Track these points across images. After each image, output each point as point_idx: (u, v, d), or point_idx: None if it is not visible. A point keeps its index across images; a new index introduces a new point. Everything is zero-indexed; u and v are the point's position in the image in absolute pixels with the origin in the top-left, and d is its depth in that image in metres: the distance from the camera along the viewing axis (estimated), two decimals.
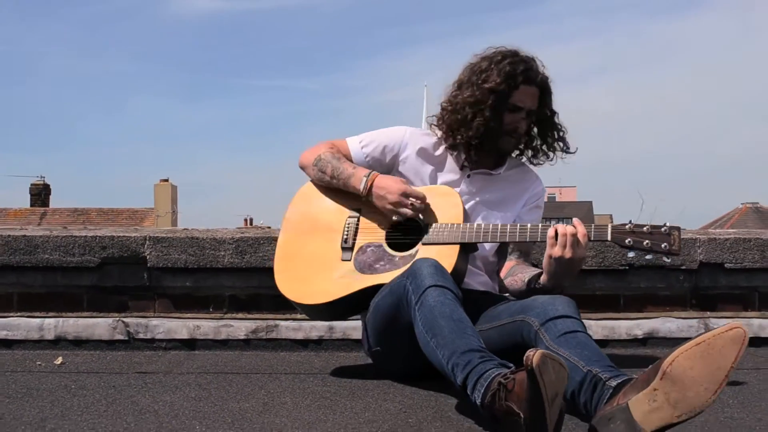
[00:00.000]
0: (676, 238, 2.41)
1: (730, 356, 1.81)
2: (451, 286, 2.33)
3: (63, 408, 2.26)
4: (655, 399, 1.80)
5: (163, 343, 3.29)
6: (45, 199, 32.90)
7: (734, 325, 1.83)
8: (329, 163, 2.80)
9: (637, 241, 2.42)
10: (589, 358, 2.09)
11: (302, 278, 2.74)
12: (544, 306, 2.31)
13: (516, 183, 2.91)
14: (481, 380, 1.97)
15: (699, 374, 1.79)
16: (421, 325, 2.26)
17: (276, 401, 2.36)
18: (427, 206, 2.68)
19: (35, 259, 3.30)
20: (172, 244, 3.31)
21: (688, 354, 1.81)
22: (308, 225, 2.84)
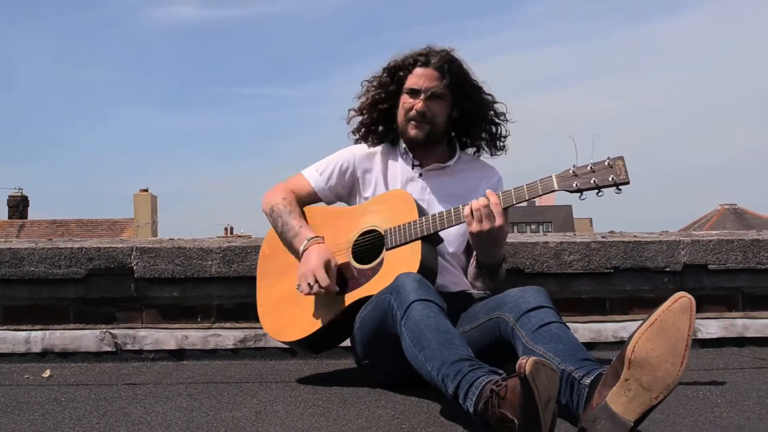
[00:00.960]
0: (621, 167, 2.36)
1: (684, 326, 1.85)
2: (434, 298, 2.34)
3: (55, 421, 2.25)
4: (630, 388, 1.84)
5: (152, 354, 3.28)
6: (23, 211, 32.61)
7: (679, 296, 1.89)
8: (280, 217, 2.86)
9: (584, 182, 2.38)
10: (563, 352, 2.12)
11: (286, 318, 2.78)
12: (516, 300, 2.35)
13: (470, 174, 2.94)
14: (473, 388, 1.98)
15: (661, 352, 1.83)
16: (409, 340, 2.27)
17: (268, 410, 2.36)
18: (385, 214, 2.71)
19: (20, 272, 3.28)
20: (159, 254, 3.30)
21: (645, 336, 1.86)
22: (281, 266, 2.87)
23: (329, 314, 2.66)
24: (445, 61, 2.85)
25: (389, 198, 2.79)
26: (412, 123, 2.84)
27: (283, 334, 2.78)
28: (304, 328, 2.70)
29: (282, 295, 2.82)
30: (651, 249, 3.37)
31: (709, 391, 2.52)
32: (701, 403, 2.35)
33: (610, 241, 3.37)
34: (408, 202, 2.69)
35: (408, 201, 2.69)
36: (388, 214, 2.70)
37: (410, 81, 2.86)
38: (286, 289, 2.81)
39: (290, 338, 2.75)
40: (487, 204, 2.49)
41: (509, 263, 3.29)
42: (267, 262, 2.95)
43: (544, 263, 3.34)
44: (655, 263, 3.37)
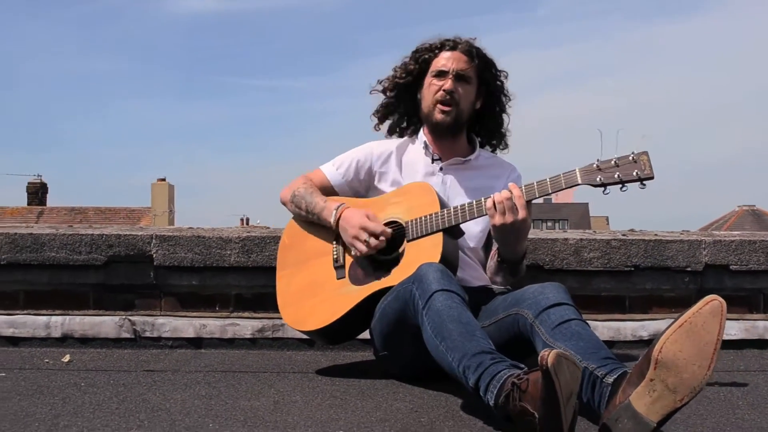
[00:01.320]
0: (645, 162, 2.33)
1: (714, 329, 1.83)
2: (457, 289, 2.33)
3: (75, 405, 2.26)
4: (654, 389, 1.82)
5: (170, 342, 3.29)
6: (42, 198, 32.82)
7: (710, 299, 1.86)
8: (303, 198, 2.85)
9: (608, 176, 2.35)
10: (585, 350, 2.10)
11: (305, 308, 2.78)
12: (535, 296, 2.33)
13: (490, 169, 2.95)
14: (494, 381, 1.98)
15: (689, 354, 1.82)
16: (430, 330, 2.26)
17: (286, 399, 2.36)
18: (406, 206, 2.71)
19: (42, 257, 3.30)
20: (179, 242, 3.31)
21: (674, 337, 1.83)
22: (300, 256, 2.88)
23: (349, 304, 2.65)
24: (473, 47, 2.87)
25: (411, 189, 2.78)
26: (439, 106, 2.83)
27: (302, 324, 2.78)
28: (324, 318, 2.69)
29: (302, 285, 2.82)
30: (672, 248, 3.34)
31: (731, 392, 2.50)
32: (723, 405, 2.33)
33: (630, 239, 3.35)
34: (430, 194, 2.68)
35: (430, 193, 2.69)
36: (410, 205, 2.70)
37: (437, 63, 2.86)
38: (305, 279, 2.81)
39: (309, 327, 2.75)
40: (510, 197, 2.47)
41: (529, 259, 3.28)
42: (287, 252, 2.95)
43: (563, 260, 3.32)
44: (676, 262, 3.34)
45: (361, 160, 2.93)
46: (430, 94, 2.86)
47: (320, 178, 2.94)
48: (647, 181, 2.34)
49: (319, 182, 2.93)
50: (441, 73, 2.84)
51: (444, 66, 2.84)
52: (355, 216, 2.69)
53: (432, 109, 2.85)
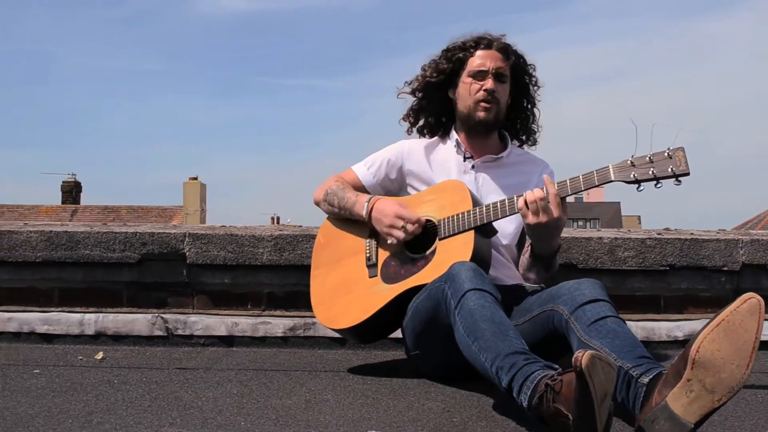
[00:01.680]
0: (681, 158, 2.25)
1: (752, 328, 1.80)
2: (489, 288, 2.31)
3: (108, 402, 2.27)
4: (692, 389, 1.79)
5: (202, 340, 3.30)
6: (76, 197, 33.21)
7: (748, 297, 1.82)
8: (335, 195, 2.87)
9: (642, 173, 2.28)
10: (621, 348, 2.07)
11: (338, 306, 2.78)
12: (571, 292, 2.30)
13: (523, 166, 2.93)
14: (527, 382, 1.95)
15: (727, 353, 1.79)
16: (462, 330, 2.24)
17: (318, 398, 2.36)
18: (439, 204, 2.70)
19: (76, 255, 3.32)
20: (212, 240, 3.32)
21: (711, 336, 1.80)
22: (334, 255, 2.88)
23: (380, 302, 2.64)
24: (507, 44, 2.87)
25: (444, 188, 2.76)
26: (482, 105, 2.81)
27: (334, 322, 2.78)
28: (356, 316, 2.68)
29: (335, 283, 2.82)
30: (708, 247, 3.29)
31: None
32: (761, 407, 2.29)
33: (665, 239, 3.30)
34: (462, 191, 2.66)
35: (462, 191, 2.67)
36: (443, 203, 2.68)
37: (474, 63, 2.84)
38: (339, 278, 2.81)
39: (341, 326, 2.74)
40: (543, 196, 2.45)
41: (562, 258, 3.25)
42: (321, 251, 2.95)
43: (597, 259, 3.28)
44: (712, 262, 3.29)
45: (392, 159, 2.93)
46: (470, 93, 2.83)
47: (352, 178, 2.94)
48: (683, 178, 2.26)
49: (351, 182, 2.93)
50: (480, 72, 2.82)
51: (482, 65, 2.82)
52: (389, 205, 2.71)
53: (473, 109, 2.83)
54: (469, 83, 2.84)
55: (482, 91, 2.81)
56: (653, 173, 2.27)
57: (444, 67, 2.88)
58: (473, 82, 2.83)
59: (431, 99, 2.95)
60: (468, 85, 2.84)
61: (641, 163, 2.30)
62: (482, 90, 2.81)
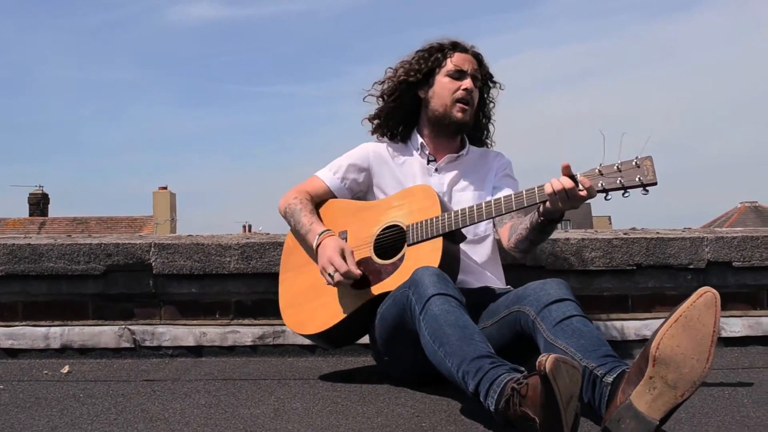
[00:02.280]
0: (649, 167, 2.23)
1: (709, 322, 1.82)
2: (453, 292, 2.30)
3: (73, 417, 2.24)
4: (654, 386, 1.81)
5: (170, 351, 3.27)
6: (44, 209, 32.85)
7: (703, 291, 1.85)
8: (292, 216, 2.86)
9: (610, 182, 2.26)
10: (585, 348, 2.08)
11: (306, 311, 2.77)
12: (536, 292, 2.31)
13: (479, 162, 2.96)
14: (494, 386, 1.96)
15: (687, 348, 1.80)
16: (427, 335, 2.23)
17: (287, 407, 2.34)
18: (408, 209, 2.68)
19: (40, 268, 3.28)
20: (178, 250, 3.29)
21: (670, 333, 1.82)
22: (303, 258, 2.86)
23: (349, 308, 2.63)
24: (479, 53, 2.93)
25: (413, 193, 2.74)
26: (459, 105, 2.83)
27: (302, 327, 2.76)
28: (323, 322, 2.67)
29: (303, 288, 2.80)
30: (674, 246, 3.32)
31: (735, 390, 2.48)
32: (727, 403, 2.31)
33: (632, 238, 3.33)
34: (431, 197, 2.65)
35: (431, 196, 2.65)
36: (411, 208, 2.67)
37: (454, 63, 2.85)
38: (307, 282, 2.79)
39: (309, 331, 2.73)
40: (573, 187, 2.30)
41: (531, 260, 3.26)
42: (290, 254, 2.94)
43: (565, 260, 3.29)
44: (678, 260, 3.32)
45: (358, 163, 2.92)
46: (448, 92, 2.84)
47: (318, 185, 2.92)
48: (650, 187, 2.25)
49: (318, 189, 2.91)
50: (459, 72, 2.84)
51: (461, 66, 2.84)
52: (329, 248, 2.64)
53: (450, 107, 2.83)
54: (446, 82, 2.84)
55: (461, 90, 2.82)
56: (621, 182, 2.25)
57: (421, 67, 2.87)
58: (451, 81, 2.83)
59: (403, 100, 2.92)
60: (445, 84, 2.84)
61: (609, 171, 2.27)
62: (461, 89, 2.82)
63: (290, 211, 2.87)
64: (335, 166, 2.94)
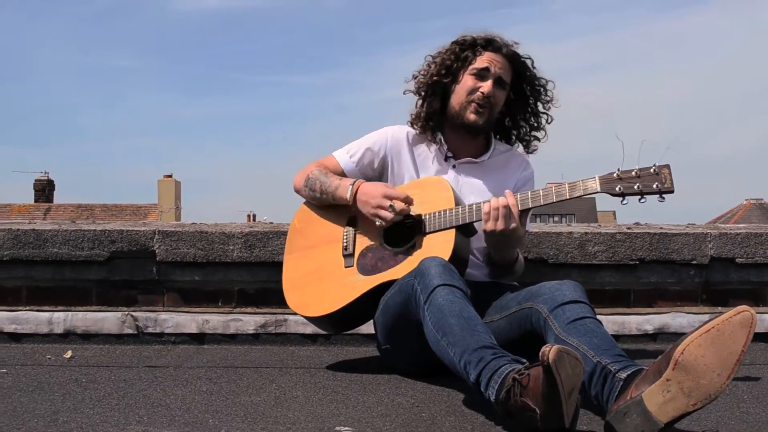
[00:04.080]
0: (666, 175, 2.30)
1: (740, 340, 1.80)
2: (459, 284, 2.31)
3: (75, 401, 2.25)
4: (669, 389, 1.79)
5: (172, 338, 3.28)
6: (49, 195, 32.96)
7: (741, 309, 1.82)
8: (317, 179, 2.81)
9: (628, 187, 2.32)
10: (599, 346, 2.07)
11: (310, 293, 2.76)
12: (551, 292, 2.30)
13: (501, 168, 2.88)
14: (495, 377, 1.96)
15: (711, 361, 1.78)
16: (431, 325, 2.24)
17: (288, 395, 2.35)
18: (420, 199, 2.67)
19: (44, 253, 3.29)
20: (181, 238, 3.30)
21: (698, 341, 1.80)
22: (309, 241, 2.85)
23: (354, 293, 2.63)
24: (516, 54, 2.80)
25: (427, 183, 2.74)
26: (474, 106, 2.74)
27: (305, 309, 2.76)
28: (328, 305, 2.68)
29: (309, 270, 2.80)
30: (677, 241, 3.32)
31: (736, 386, 2.48)
32: (728, 398, 2.31)
33: (635, 233, 3.33)
34: (446, 190, 2.64)
35: (446, 189, 2.64)
36: (425, 198, 2.66)
37: (480, 61, 2.75)
38: (313, 265, 2.79)
39: (313, 313, 2.73)
40: (506, 205, 2.46)
41: (533, 253, 3.26)
42: (296, 236, 2.92)
43: (568, 254, 3.29)
44: (681, 256, 3.31)
45: (375, 147, 2.87)
46: (465, 91, 2.75)
47: (333, 164, 2.88)
48: (667, 195, 2.31)
49: (332, 168, 2.87)
50: (483, 72, 2.74)
51: (486, 66, 2.74)
52: (375, 186, 2.68)
53: (465, 108, 2.76)
54: (468, 81, 2.76)
55: (479, 92, 2.73)
56: (639, 188, 2.31)
57: (451, 64, 2.79)
58: (474, 80, 2.75)
59: (435, 93, 2.83)
60: (466, 82, 2.76)
61: (627, 176, 2.33)
62: (479, 91, 2.73)
63: (314, 177, 2.83)
64: (353, 149, 2.89)
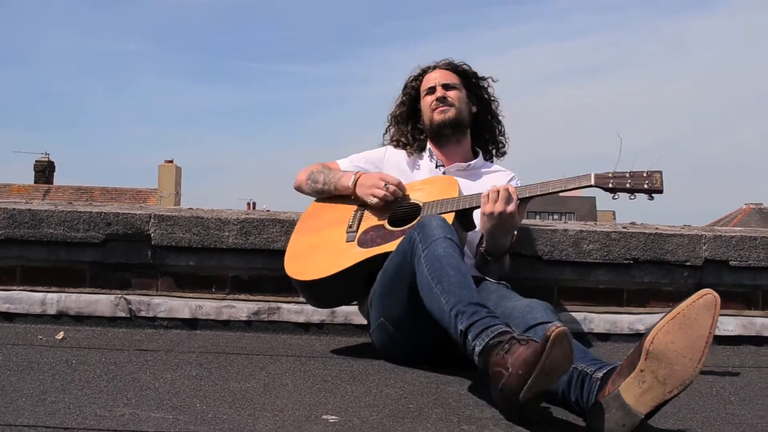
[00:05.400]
0: (657, 178, 2.52)
1: (707, 323, 1.82)
2: (458, 242, 2.40)
3: (64, 382, 2.26)
4: (644, 380, 1.81)
5: (165, 322, 3.28)
6: (49, 177, 32.91)
7: (705, 292, 1.85)
8: (321, 173, 3.06)
9: (620, 183, 2.55)
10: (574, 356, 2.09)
11: (310, 262, 2.84)
12: (523, 315, 2.34)
13: (490, 175, 3.15)
14: (487, 331, 2.03)
15: (681, 347, 1.81)
16: (426, 272, 2.30)
17: (277, 383, 2.36)
18: (428, 192, 2.86)
19: (39, 234, 3.29)
20: (177, 222, 3.30)
21: (666, 329, 1.83)
22: (318, 224, 3.01)
23: (350, 261, 2.71)
24: (451, 62, 3.20)
25: (436, 180, 2.96)
26: (437, 110, 3.08)
27: (302, 275, 2.81)
28: (323, 270, 2.74)
29: (312, 244, 2.91)
30: (672, 242, 3.32)
31: (723, 388, 2.49)
32: (714, 399, 2.32)
33: (630, 232, 3.33)
34: (453, 185, 2.83)
35: (454, 184, 2.83)
36: (432, 191, 2.83)
37: (425, 84, 3.17)
38: (317, 240, 2.91)
39: (309, 277, 2.77)
40: (507, 188, 2.61)
41: (528, 250, 3.27)
42: (306, 220, 3.07)
43: (562, 251, 3.30)
44: (675, 257, 3.32)
45: (374, 158, 3.17)
46: (426, 106, 3.14)
47: (335, 167, 3.12)
48: (656, 195, 2.54)
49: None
50: (430, 88, 3.14)
51: (430, 82, 3.15)
52: (372, 175, 2.95)
53: (431, 116, 3.11)
54: (426, 101, 3.16)
55: (434, 100, 3.10)
56: (630, 185, 2.55)
57: (404, 100, 3.25)
58: (429, 97, 3.14)
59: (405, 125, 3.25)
60: (425, 102, 3.16)
61: (620, 175, 2.57)
62: (434, 100, 3.10)
63: (317, 172, 3.08)
64: (355, 159, 3.17)
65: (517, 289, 2.79)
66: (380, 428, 1.91)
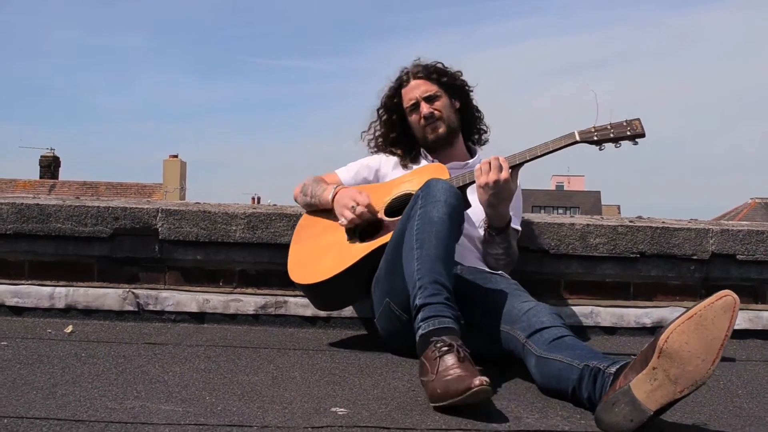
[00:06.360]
0: (637, 125, 2.63)
1: (723, 325, 1.81)
2: (460, 207, 2.47)
3: (74, 375, 2.27)
4: (656, 377, 1.81)
5: (173, 316, 3.29)
6: (54, 172, 32.97)
7: (723, 294, 1.83)
8: (310, 186, 3.09)
9: (603, 135, 2.63)
10: (583, 356, 2.12)
11: (314, 266, 2.85)
12: (528, 319, 2.36)
13: None
14: (436, 320, 2.17)
15: (695, 347, 1.80)
16: (415, 230, 2.38)
17: (285, 375, 2.37)
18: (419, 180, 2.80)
19: (47, 228, 3.30)
20: (185, 217, 3.31)
21: (682, 328, 1.82)
22: (316, 231, 3.01)
23: (355, 257, 2.73)
24: (422, 67, 3.15)
25: (425, 170, 2.96)
26: (428, 128, 3.08)
27: (310, 278, 2.82)
28: (330, 270, 2.76)
29: (314, 249, 2.93)
30: (679, 236, 3.32)
31: (730, 381, 2.49)
32: (721, 393, 2.33)
33: (637, 226, 3.33)
34: (443, 171, 2.83)
35: (444, 171, 2.84)
36: (422, 179, 2.77)
37: (406, 100, 3.14)
38: (319, 244, 2.92)
39: (318, 279, 2.78)
40: (497, 158, 2.65)
41: (535, 244, 3.27)
42: (303, 229, 3.08)
43: (569, 245, 3.30)
44: (682, 251, 3.32)
45: (370, 164, 3.19)
46: (416, 125, 3.12)
47: (334, 179, 3.14)
48: (639, 139, 2.65)
49: (332, 182, 3.11)
50: (413, 106, 3.11)
51: (411, 99, 3.11)
52: (347, 191, 2.89)
53: (424, 135, 3.10)
54: (412, 119, 3.13)
55: (422, 119, 3.08)
56: (614, 135, 2.63)
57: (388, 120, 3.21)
58: (414, 115, 3.12)
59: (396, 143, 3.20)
60: (413, 120, 3.13)
61: (602, 129, 2.65)
62: (422, 118, 3.08)
63: (307, 184, 3.10)
64: (353, 166, 3.21)
65: (524, 282, 2.79)
66: (388, 421, 1.92)
